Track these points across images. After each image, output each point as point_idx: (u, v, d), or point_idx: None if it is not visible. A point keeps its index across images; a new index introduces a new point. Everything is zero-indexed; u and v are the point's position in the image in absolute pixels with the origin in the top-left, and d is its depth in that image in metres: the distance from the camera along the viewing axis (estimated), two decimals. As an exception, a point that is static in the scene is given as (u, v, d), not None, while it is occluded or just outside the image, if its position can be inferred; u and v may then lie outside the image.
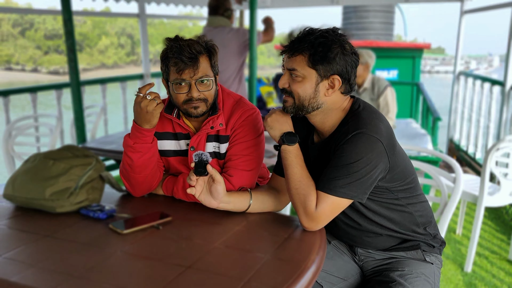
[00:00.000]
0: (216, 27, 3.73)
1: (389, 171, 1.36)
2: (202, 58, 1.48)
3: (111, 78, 5.22)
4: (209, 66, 1.51)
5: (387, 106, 3.68)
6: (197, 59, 1.46)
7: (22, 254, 1.23)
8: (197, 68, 1.46)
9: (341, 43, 1.34)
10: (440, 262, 1.50)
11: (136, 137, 1.53)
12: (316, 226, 1.34)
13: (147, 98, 1.45)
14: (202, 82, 1.49)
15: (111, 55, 44.79)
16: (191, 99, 1.49)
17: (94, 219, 1.46)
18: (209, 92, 1.51)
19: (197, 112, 1.51)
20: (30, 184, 1.50)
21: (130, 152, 1.54)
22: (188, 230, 1.39)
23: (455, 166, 2.15)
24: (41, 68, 41.79)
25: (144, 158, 1.54)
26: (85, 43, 44.62)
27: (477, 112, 4.89)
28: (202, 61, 1.48)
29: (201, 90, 1.49)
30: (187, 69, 1.45)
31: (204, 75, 1.48)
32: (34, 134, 3.93)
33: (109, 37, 45.84)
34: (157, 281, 1.08)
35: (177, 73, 1.46)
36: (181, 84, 1.48)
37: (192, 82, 1.47)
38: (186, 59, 1.44)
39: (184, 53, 1.44)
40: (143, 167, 1.55)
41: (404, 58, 7.18)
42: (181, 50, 1.44)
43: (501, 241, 3.25)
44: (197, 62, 1.46)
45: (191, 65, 1.45)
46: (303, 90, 1.36)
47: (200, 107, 1.51)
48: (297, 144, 1.41)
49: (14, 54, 41.91)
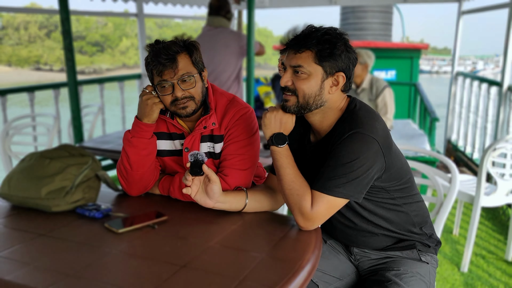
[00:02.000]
0: (217, 27, 3.73)
1: (385, 170, 1.36)
2: (180, 57, 1.49)
3: (109, 78, 5.22)
4: (190, 63, 1.51)
5: (385, 106, 3.68)
6: (175, 59, 1.47)
7: (17, 253, 1.22)
8: (176, 68, 1.47)
9: (345, 41, 1.35)
10: (435, 262, 1.51)
11: (134, 131, 1.55)
12: (312, 226, 1.35)
13: (151, 93, 1.51)
14: (185, 81, 1.49)
15: (131, 56, 47.02)
16: (176, 99, 1.49)
17: (90, 218, 1.46)
18: (194, 89, 1.52)
19: (186, 112, 1.52)
20: (26, 183, 1.50)
21: (127, 147, 1.55)
22: (183, 229, 1.39)
23: (451, 166, 2.15)
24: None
25: (141, 154, 1.55)
26: (106, 44, 47.28)
27: (474, 113, 4.90)
28: (181, 60, 1.49)
29: (185, 88, 1.49)
30: (166, 70, 1.46)
31: (185, 73, 1.49)
32: (32, 133, 3.92)
33: (129, 38, 48.32)
34: (152, 280, 1.08)
35: (159, 75, 1.48)
36: (164, 86, 1.49)
37: (174, 82, 1.48)
38: (163, 61, 1.45)
39: (161, 55, 1.45)
40: (139, 163, 1.56)
41: (402, 58, 7.20)
42: (158, 53, 1.46)
43: (497, 241, 3.26)
44: (175, 61, 1.47)
45: (170, 65, 1.46)
46: (308, 87, 1.35)
47: (188, 106, 1.51)
48: (287, 145, 1.41)
49: (43, 55, 44.87)
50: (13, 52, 43.71)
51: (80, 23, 45.51)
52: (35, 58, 44.97)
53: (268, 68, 39.47)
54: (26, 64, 44.26)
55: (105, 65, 45.42)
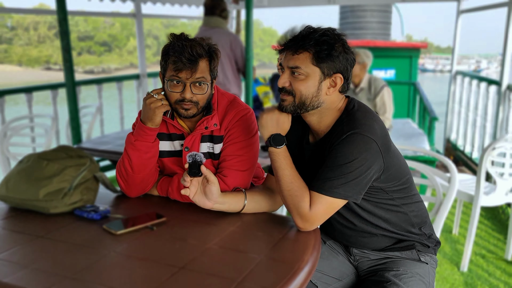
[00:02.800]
0: (212, 27, 3.72)
1: (383, 171, 1.35)
2: (202, 61, 1.48)
3: (107, 78, 5.20)
4: (207, 70, 1.50)
5: (384, 106, 3.68)
6: (196, 61, 1.45)
7: (15, 255, 1.22)
8: (195, 71, 1.46)
9: (343, 42, 1.35)
10: (435, 262, 1.50)
11: (138, 134, 1.54)
12: (311, 227, 1.34)
13: (154, 96, 1.49)
14: (198, 85, 1.48)
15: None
16: (183, 99, 1.48)
17: (88, 220, 1.45)
18: (202, 96, 1.51)
19: (187, 114, 1.51)
20: (24, 185, 1.50)
21: (130, 150, 1.54)
22: (182, 230, 1.38)
23: (450, 166, 2.15)
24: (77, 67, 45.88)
25: (143, 158, 1.54)
26: (114, 44, 48.73)
27: (473, 112, 4.90)
28: (201, 64, 1.48)
29: (195, 92, 1.49)
30: (184, 70, 1.45)
31: (201, 77, 1.48)
32: (30, 135, 3.91)
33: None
34: (150, 282, 1.07)
35: (174, 71, 1.46)
36: (176, 83, 1.48)
37: (187, 83, 1.47)
38: (185, 60, 1.43)
39: (185, 53, 1.43)
40: (142, 167, 1.55)
41: (401, 57, 7.20)
42: (182, 50, 1.44)
43: (497, 240, 3.26)
44: (196, 64, 1.45)
45: (190, 66, 1.44)
46: (306, 88, 1.35)
47: (191, 109, 1.51)
48: (285, 146, 1.40)
49: (52, 55, 45.55)
50: (23, 52, 44.53)
51: (88, 23, 46.49)
52: (45, 58, 45.94)
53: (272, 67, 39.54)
54: (36, 64, 45.09)
55: (114, 65, 46.30)
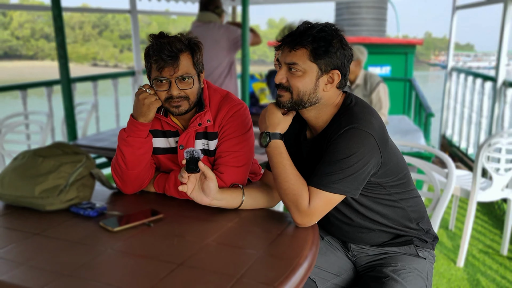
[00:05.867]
0: (206, 22, 3.70)
1: (381, 166, 1.35)
2: (183, 56, 1.47)
3: (103, 75, 5.17)
4: (191, 63, 1.49)
5: (379, 102, 3.68)
6: (177, 57, 1.45)
7: (11, 253, 1.21)
8: (177, 66, 1.45)
9: (340, 38, 1.34)
10: (433, 257, 1.50)
11: (130, 130, 1.53)
12: (309, 222, 1.34)
13: (147, 91, 1.48)
14: (183, 80, 1.48)
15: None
16: (171, 97, 1.48)
17: (84, 217, 1.44)
18: (190, 90, 1.50)
19: (179, 111, 1.50)
20: (19, 182, 1.48)
21: (123, 146, 1.53)
22: (180, 227, 1.38)
23: (447, 161, 2.15)
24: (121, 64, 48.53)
25: (136, 154, 1.53)
26: None
27: (469, 108, 4.91)
28: (183, 59, 1.47)
29: (182, 88, 1.48)
30: (166, 67, 1.44)
31: (184, 73, 1.47)
32: (25, 132, 3.88)
33: (172, 36, 54.19)
34: (148, 279, 1.07)
35: (158, 71, 1.46)
36: (161, 82, 1.47)
37: (172, 80, 1.46)
38: (166, 57, 1.43)
39: (164, 51, 1.43)
40: (135, 163, 1.54)
41: (397, 54, 7.20)
42: (161, 48, 1.43)
43: (494, 235, 3.27)
44: (177, 60, 1.45)
45: (171, 63, 1.44)
46: (303, 85, 1.34)
47: (182, 105, 1.50)
48: (282, 142, 1.39)
49: (98, 52, 50.19)
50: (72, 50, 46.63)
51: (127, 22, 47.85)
52: (92, 55, 49.72)
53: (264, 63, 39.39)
54: (85, 60, 48.45)
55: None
